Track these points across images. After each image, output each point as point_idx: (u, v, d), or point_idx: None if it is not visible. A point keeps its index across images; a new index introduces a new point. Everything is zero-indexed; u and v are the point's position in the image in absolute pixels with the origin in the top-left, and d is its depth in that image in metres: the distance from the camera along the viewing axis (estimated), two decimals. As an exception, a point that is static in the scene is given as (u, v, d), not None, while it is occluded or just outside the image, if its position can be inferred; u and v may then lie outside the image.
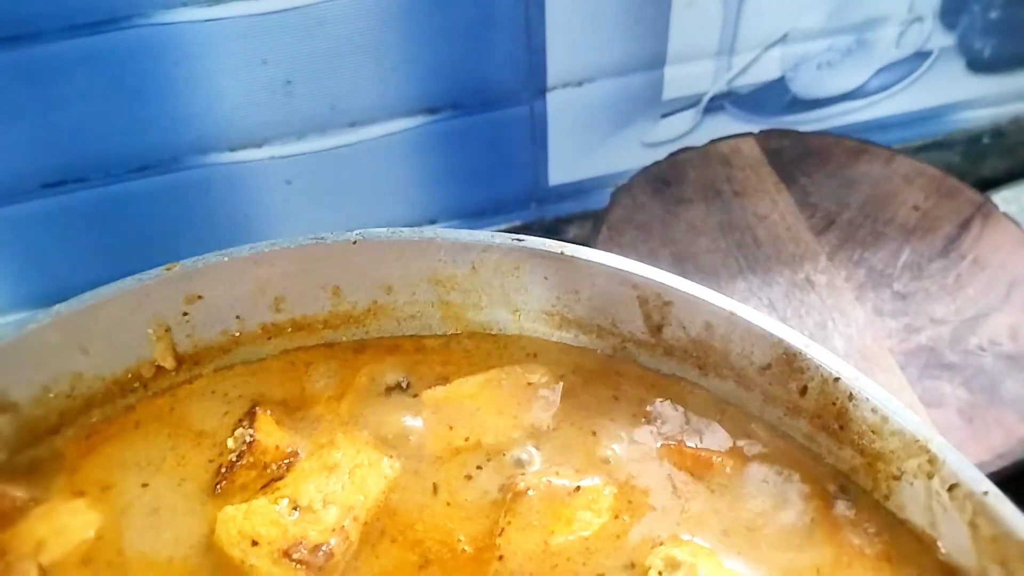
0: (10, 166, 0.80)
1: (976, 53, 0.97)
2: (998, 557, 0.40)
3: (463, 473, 0.47)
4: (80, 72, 0.75)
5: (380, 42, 0.81)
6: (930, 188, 0.82)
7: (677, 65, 0.90)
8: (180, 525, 0.45)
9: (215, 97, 0.80)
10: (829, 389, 0.44)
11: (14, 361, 0.46)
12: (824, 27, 0.91)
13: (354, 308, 0.52)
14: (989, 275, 0.75)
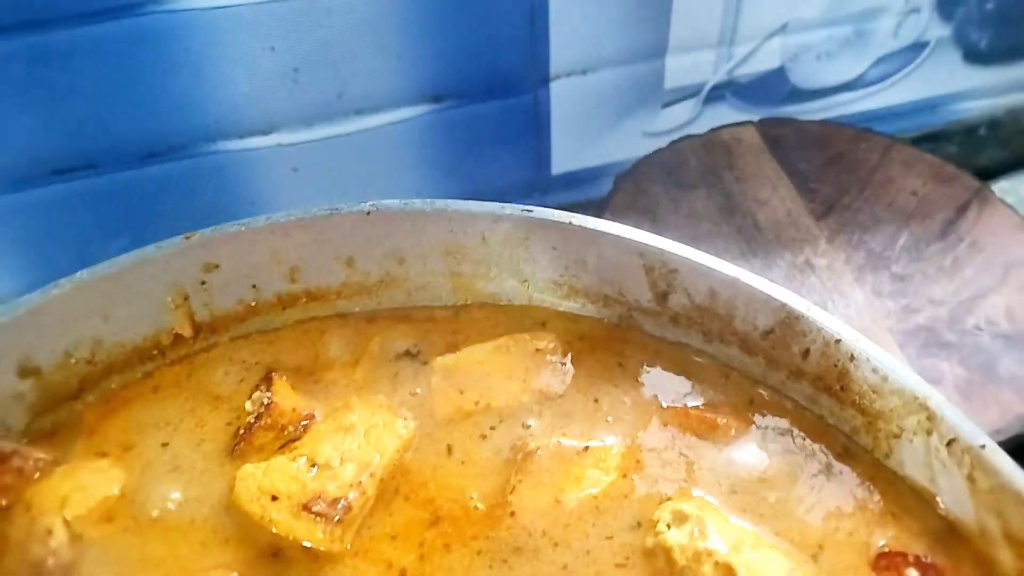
0: (21, 152, 0.81)
1: (973, 44, 0.99)
2: (995, 508, 0.41)
3: (474, 434, 0.48)
4: (91, 59, 0.77)
5: (387, 30, 0.82)
6: (928, 174, 0.84)
7: (678, 55, 0.92)
8: (200, 484, 0.46)
9: (224, 84, 0.82)
10: (831, 351, 0.46)
11: (37, 325, 0.47)
12: (823, 17, 0.93)
13: (367, 278, 0.54)
14: (986, 258, 0.77)
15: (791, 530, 0.44)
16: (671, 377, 0.50)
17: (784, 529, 0.44)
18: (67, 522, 0.45)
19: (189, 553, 0.44)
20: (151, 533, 0.45)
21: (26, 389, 0.48)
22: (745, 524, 0.43)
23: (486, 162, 0.94)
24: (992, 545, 0.42)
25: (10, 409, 0.48)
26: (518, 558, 0.43)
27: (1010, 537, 0.41)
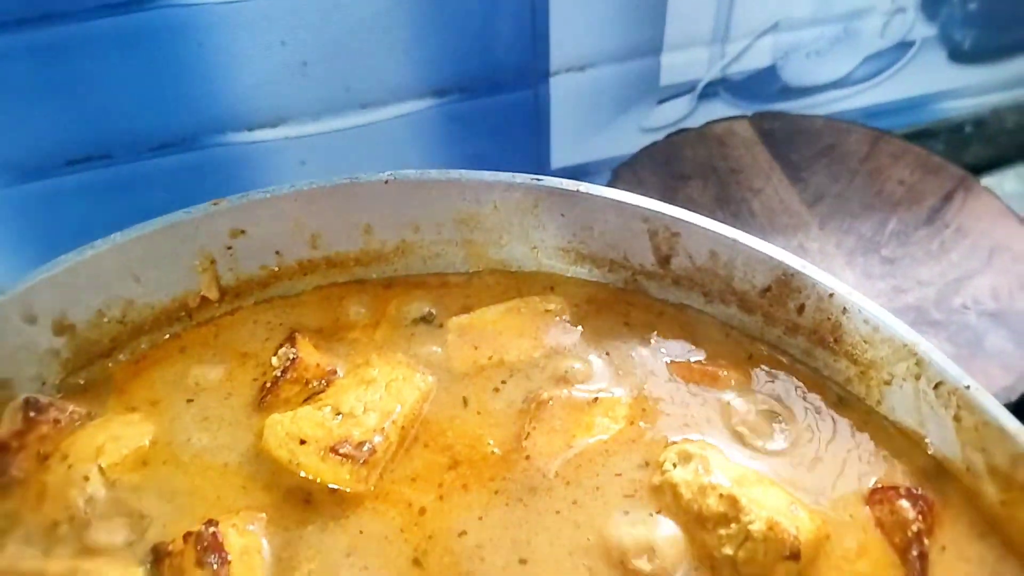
0: (36, 143, 0.84)
1: (957, 44, 1.04)
2: (979, 445, 0.45)
3: (489, 387, 0.51)
4: (105, 52, 0.80)
5: (393, 25, 0.86)
6: (915, 164, 0.88)
7: (673, 52, 0.96)
8: (229, 433, 0.49)
9: (234, 77, 0.85)
10: (824, 305, 0.50)
11: (73, 284, 0.50)
12: (813, 16, 0.97)
13: (384, 246, 0.57)
14: (971, 242, 0.81)
15: (789, 471, 0.47)
16: (675, 336, 0.54)
17: (782, 469, 0.47)
18: (102, 469, 0.47)
19: (219, 495, 0.46)
20: (182, 478, 0.47)
21: (61, 346, 0.51)
22: (745, 461, 0.47)
23: (487, 155, 0.98)
24: (978, 479, 0.45)
25: (46, 364, 0.51)
26: (532, 496, 0.46)
27: (993, 470, 0.44)
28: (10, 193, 0.87)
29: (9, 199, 0.87)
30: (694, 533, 0.44)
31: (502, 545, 0.44)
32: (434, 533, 0.45)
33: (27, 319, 0.49)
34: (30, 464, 0.48)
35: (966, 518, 0.45)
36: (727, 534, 0.43)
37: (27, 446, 0.48)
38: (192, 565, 0.42)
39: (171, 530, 0.44)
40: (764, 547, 0.41)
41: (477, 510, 0.46)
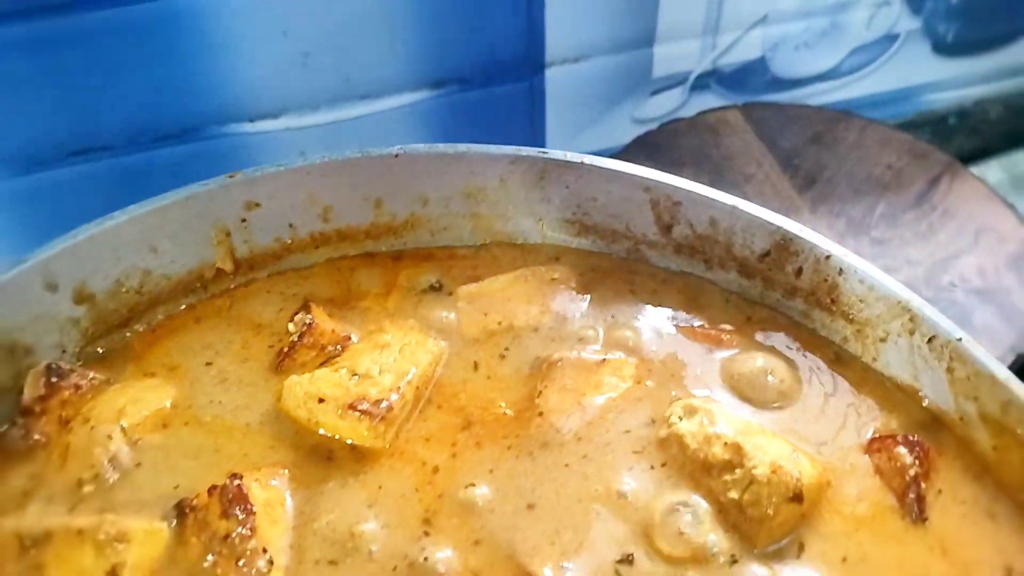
0: (39, 134, 0.85)
1: (940, 36, 1.07)
2: (972, 394, 0.47)
3: (499, 351, 0.53)
4: (110, 43, 0.82)
5: (393, 17, 0.88)
6: (902, 150, 0.91)
7: (666, 44, 0.99)
8: (248, 394, 0.51)
9: (237, 68, 0.87)
10: (821, 267, 0.52)
11: (93, 253, 0.52)
12: (800, 9, 1.00)
13: (393, 219, 0.59)
14: (958, 223, 0.84)
15: (790, 424, 0.49)
16: (677, 301, 0.56)
17: (784, 424, 0.49)
18: (124, 430, 0.49)
19: (240, 452, 0.48)
20: (204, 437, 0.49)
21: (81, 314, 0.53)
22: (748, 415, 0.49)
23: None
24: (970, 428, 0.47)
25: (67, 333, 0.52)
26: (544, 451, 0.48)
27: (985, 418, 0.46)
28: (13, 184, 0.88)
29: (12, 190, 0.88)
30: (700, 480, 0.46)
31: (510, 494, 0.46)
32: (445, 491, 0.47)
33: (49, 287, 0.51)
34: (52, 428, 0.49)
35: (960, 464, 0.47)
36: (732, 479, 0.45)
37: (49, 411, 0.50)
38: (217, 517, 0.44)
39: (194, 487, 0.46)
40: (768, 489, 0.44)
41: (489, 464, 0.48)
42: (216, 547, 0.44)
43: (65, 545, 0.43)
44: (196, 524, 0.44)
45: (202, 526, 0.44)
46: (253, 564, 0.43)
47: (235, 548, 0.43)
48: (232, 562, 0.43)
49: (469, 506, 0.46)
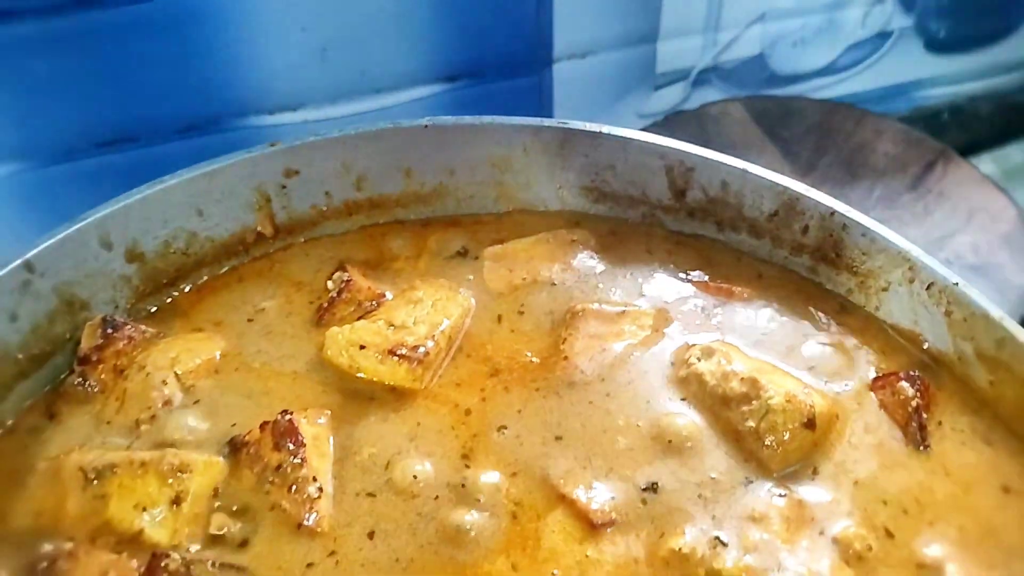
0: (66, 126, 0.89)
1: (932, 34, 1.12)
2: (969, 334, 0.51)
3: (523, 305, 0.57)
4: (134, 38, 0.86)
5: (408, 13, 0.93)
6: (898, 138, 0.96)
7: (669, 40, 1.03)
8: (292, 345, 0.55)
9: (257, 62, 0.91)
10: (827, 223, 0.56)
11: (144, 214, 0.56)
12: (798, 6, 1.05)
13: (422, 188, 0.63)
14: (952, 204, 0.88)
15: (802, 368, 0.53)
16: (691, 261, 0.60)
17: (795, 367, 0.53)
18: (178, 376, 0.53)
19: (289, 395, 0.52)
20: (255, 381, 0.53)
21: (132, 273, 0.57)
22: (762, 355, 0.53)
23: (495, 139, 1.04)
24: (968, 366, 0.52)
25: (119, 289, 0.56)
26: (569, 390, 0.52)
27: (981, 356, 0.51)
28: (41, 174, 0.92)
29: (40, 180, 0.92)
30: (719, 413, 0.50)
31: (538, 429, 0.50)
32: (479, 431, 0.50)
33: (104, 244, 0.55)
34: (108, 376, 0.53)
35: (958, 399, 0.51)
36: (749, 410, 0.49)
37: (105, 360, 0.54)
38: (269, 450, 0.48)
39: (247, 425, 0.50)
40: (783, 417, 0.48)
41: (517, 405, 0.52)
42: (269, 476, 0.47)
43: (129, 476, 0.47)
44: (249, 457, 0.48)
45: (255, 459, 0.48)
46: (304, 491, 0.47)
47: (287, 477, 0.47)
48: (284, 489, 0.47)
49: (502, 443, 0.50)
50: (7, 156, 0.89)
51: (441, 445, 0.50)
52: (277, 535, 0.46)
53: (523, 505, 0.47)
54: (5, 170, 0.90)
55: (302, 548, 0.45)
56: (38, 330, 0.53)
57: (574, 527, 0.46)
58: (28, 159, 0.90)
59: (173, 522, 0.46)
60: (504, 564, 0.44)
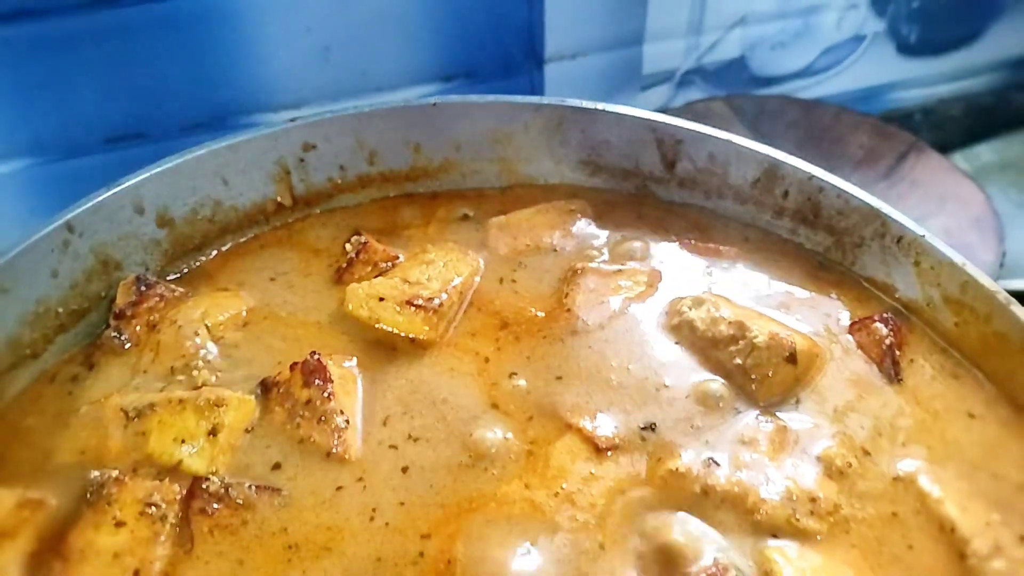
0: (79, 122, 0.94)
1: (904, 38, 1.20)
2: (936, 281, 0.57)
3: (526, 268, 0.63)
4: (145, 37, 0.91)
5: (407, 16, 0.99)
6: (872, 132, 1.02)
7: (654, 43, 1.10)
8: (314, 299, 0.60)
9: (263, 61, 0.97)
10: (805, 187, 0.62)
11: (175, 182, 0.61)
12: (776, 10, 1.12)
13: (430, 163, 0.68)
14: (924, 191, 0.95)
15: (784, 316, 0.59)
16: (682, 226, 0.66)
17: (778, 314, 0.59)
18: (209, 328, 0.58)
19: (315, 342, 0.57)
20: (283, 329, 0.58)
21: (162, 237, 0.62)
22: (750, 303, 0.58)
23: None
24: (936, 310, 0.57)
25: (150, 252, 0.61)
26: (572, 337, 0.57)
27: (947, 300, 0.56)
28: (55, 168, 0.97)
29: (54, 174, 0.97)
30: (709, 354, 0.55)
31: (542, 371, 0.55)
32: (496, 375, 0.55)
33: (137, 209, 0.60)
34: (142, 331, 0.58)
35: (928, 340, 0.57)
36: (736, 349, 0.54)
37: (139, 315, 0.58)
38: (299, 388, 0.53)
39: (275, 370, 0.54)
40: (767, 353, 0.53)
41: (527, 352, 0.57)
42: (299, 411, 0.52)
43: (168, 413, 0.52)
44: (280, 395, 0.53)
45: (286, 396, 0.53)
46: (332, 422, 0.51)
47: (316, 410, 0.52)
48: (314, 422, 0.52)
49: (516, 385, 0.54)
50: (18, 152, 0.94)
51: (464, 386, 0.54)
52: (308, 463, 0.50)
53: (535, 437, 0.51)
54: (16, 165, 0.95)
55: (332, 474, 0.50)
56: (76, 287, 0.58)
57: (580, 450, 0.50)
58: (39, 155, 0.95)
59: (210, 452, 0.50)
60: (518, 485, 0.49)
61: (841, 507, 0.48)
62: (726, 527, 0.47)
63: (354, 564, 0.46)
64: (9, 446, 0.52)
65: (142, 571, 0.45)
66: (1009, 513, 0.48)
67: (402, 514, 0.48)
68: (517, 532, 0.46)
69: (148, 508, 0.47)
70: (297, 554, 0.46)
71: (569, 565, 0.45)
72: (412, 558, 0.46)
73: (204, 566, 0.46)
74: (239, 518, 0.47)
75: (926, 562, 0.46)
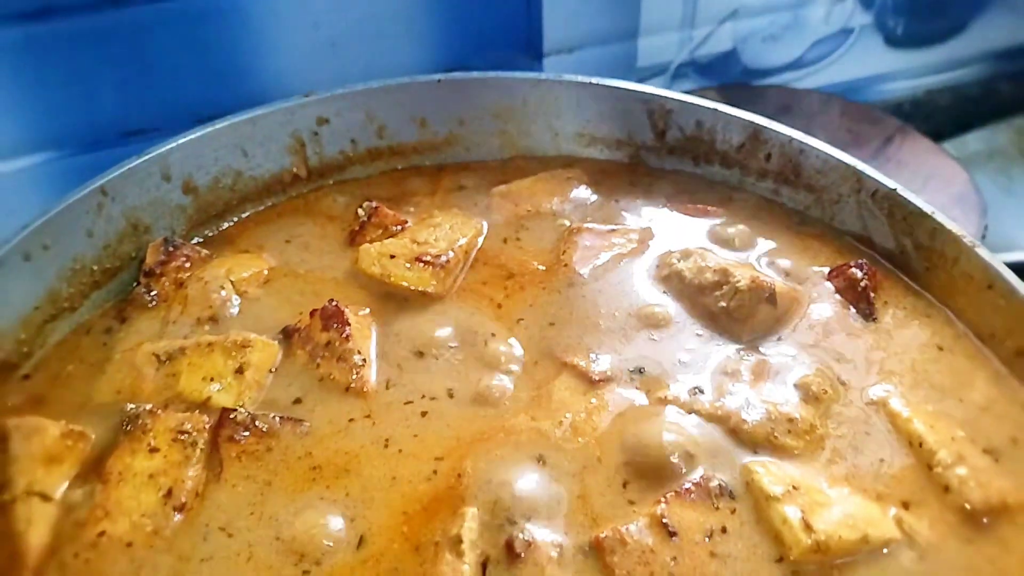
0: (99, 116, 0.99)
1: (891, 30, 1.26)
2: (908, 231, 0.62)
3: (529, 228, 0.68)
4: (160, 34, 0.96)
5: (411, 11, 1.04)
6: (859, 117, 1.08)
7: (648, 36, 1.16)
8: (330, 259, 0.65)
9: (272, 56, 1.02)
10: (787, 150, 0.68)
11: (199, 151, 0.67)
12: (766, 4, 1.18)
13: (435, 137, 0.74)
14: (910, 171, 1.00)
15: (767, 267, 0.64)
16: (671, 190, 0.71)
17: (761, 266, 0.64)
18: (233, 283, 0.63)
19: (332, 295, 0.62)
20: (302, 285, 0.63)
21: (187, 203, 0.67)
22: (735, 255, 0.64)
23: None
24: (908, 258, 0.62)
25: (176, 217, 0.67)
26: (568, 288, 0.62)
27: (918, 247, 0.62)
28: (70, 163, 1.02)
29: (74, 167, 1.02)
30: (695, 300, 0.61)
31: (539, 319, 0.60)
32: (505, 319, 0.60)
33: (164, 176, 0.65)
34: (170, 288, 0.63)
35: (901, 284, 0.62)
36: (721, 294, 0.59)
37: (167, 274, 0.64)
38: (319, 331, 0.58)
39: (295, 319, 0.60)
40: (749, 295, 0.58)
41: (529, 301, 0.62)
42: (320, 352, 0.57)
43: (197, 355, 0.57)
44: (301, 339, 0.58)
45: (306, 340, 0.58)
46: (350, 360, 0.57)
47: (335, 350, 0.57)
48: (333, 361, 0.57)
49: (520, 330, 0.60)
50: (41, 146, 0.99)
51: (465, 333, 0.60)
52: (328, 397, 0.55)
53: (539, 379, 0.56)
54: (39, 158, 1.00)
55: (349, 406, 0.55)
56: (109, 247, 0.63)
57: (578, 385, 0.56)
58: (60, 148, 1.00)
59: (237, 389, 0.56)
60: (524, 418, 0.54)
61: (817, 427, 0.53)
62: (711, 445, 0.52)
63: (371, 482, 0.51)
64: (52, 389, 0.57)
65: (175, 490, 0.50)
66: (973, 431, 0.53)
67: (416, 443, 0.53)
68: (524, 452, 0.51)
69: (180, 435, 0.52)
70: (320, 474, 0.51)
71: (571, 476, 0.50)
72: (426, 476, 0.51)
73: (232, 488, 0.51)
74: (264, 445, 0.53)
75: (896, 473, 0.51)
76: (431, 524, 0.48)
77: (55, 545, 0.49)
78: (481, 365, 0.57)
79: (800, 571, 0.47)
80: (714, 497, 0.49)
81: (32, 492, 0.50)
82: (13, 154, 0.97)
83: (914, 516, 0.49)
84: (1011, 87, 1.36)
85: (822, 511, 0.47)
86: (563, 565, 0.46)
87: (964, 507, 0.49)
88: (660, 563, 0.46)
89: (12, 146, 0.96)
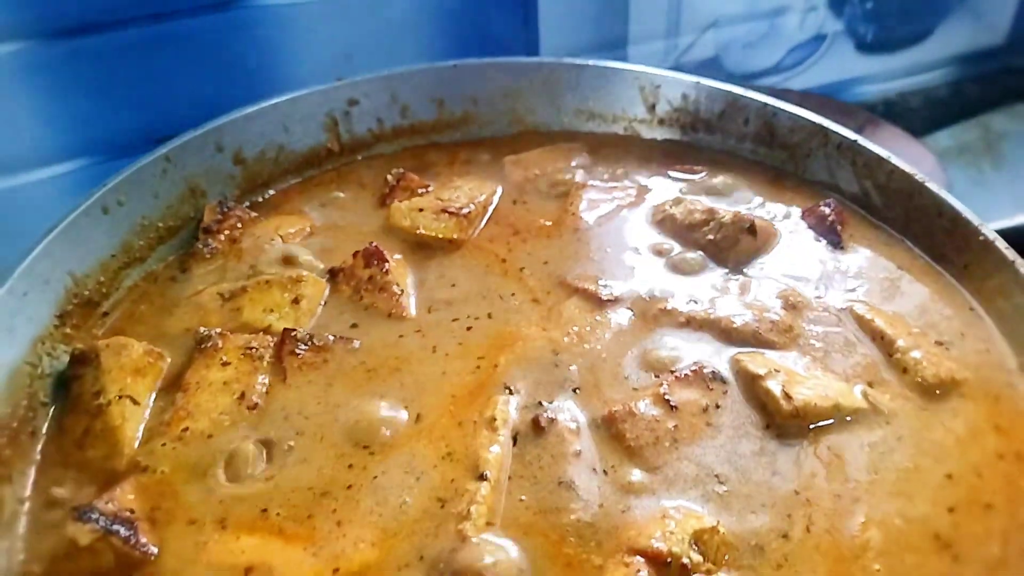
0: (128, 123, 1.10)
1: (861, 36, 1.38)
2: (868, 175, 0.73)
3: (538, 191, 0.79)
4: (186, 47, 1.07)
5: (418, 24, 1.16)
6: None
7: (637, 45, 1.28)
8: (364, 218, 0.76)
9: (291, 66, 1.14)
10: (762, 112, 0.79)
11: (248, 127, 0.78)
12: (744, 13, 1.31)
13: (452, 116, 0.85)
14: (880, 155, 1.12)
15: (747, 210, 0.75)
16: (662, 157, 0.82)
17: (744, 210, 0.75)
18: (282, 237, 0.73)
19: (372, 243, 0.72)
20: (343, 235, 0.73)
21: (237, 173, 0.78)
22: (724, 205, 0.75)
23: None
24: (870, 198, 0.73)
25: (227, 185, 0.77)
26: (573, 235, 0.73)
27: (878, 187, 0.73)
28: (104, 169, 1.11)
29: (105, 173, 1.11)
30: (687, 237, 0.71)
31: (537, 263, 0.71)
32: (512, 266, 0.71)
33: (218, 148, 0.76)
34: (226, 243, 0.73)
35: (866, 222, 0.73)
36: (708, 228, 0.70)
37: (222, 231, 0.74)
38: (361, 269, 0.68)
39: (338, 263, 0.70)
40: (732, 227, 0.69)
41: (534, 252, 0.72)
42: (363, 286, 0.68)
43: (257, 291, 0.67)
44: (346, 277, 0.68)
45: (350, 276, 0.68)
46: (390, 290, 0.67)
47: (376, 283, 0.67)
48: (375, 292, 0.67)
49: (527, 271, 0.70)
50: (75, 152, 1.09)
51: (486, 272, 0.70)
52: (373, 321, 0.65)
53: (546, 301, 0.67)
54: (73, 165, 1.10)
55: (394, 327, 0.65)
56: (171, 208, 0.74)
57: (586, 305, 0.66)
58: (94, 155, 1.10)
59: (294, 316, 0.66)
60: (537, 329, 0.64)
61: (795, 328, 0.63)
62: (705, 343, 0.62)
63: (422, 377, 0.60)
64: (128, 324, 0.67)
65: (247, 393, 0.60)
66: (928, 328, 0.63)
67: (458, 348, 0.63)
68: (544, 350, 0.61)
69: (248, 351, 0.62)
70: (376, 375, 0.61)
71: (584, 366, 0.60)
72: (471, 369, 0.61)
73: (297, 391, 0.61)
74: (321, 357, 0.62)
75: (861, 361, 0.61)
76: (472, 406, 0.58)
77: (146, 439, 0.58)
78: (499, 295, 0.68)
79: (784, 435, 0.56)
80: (708, 380, 0.59)
81: (124, 395, 0.60)
82: (50, 161, 1.07)
83: (878, 391, 0.59)
84: (976, 88, 1.48)
85: (799, 386, 0.57)
86: (581, 435, 0.56)
87: (919, 382, 0.59)
88: (664, 429, 0.56)
89: (49, 154, 1.06)
